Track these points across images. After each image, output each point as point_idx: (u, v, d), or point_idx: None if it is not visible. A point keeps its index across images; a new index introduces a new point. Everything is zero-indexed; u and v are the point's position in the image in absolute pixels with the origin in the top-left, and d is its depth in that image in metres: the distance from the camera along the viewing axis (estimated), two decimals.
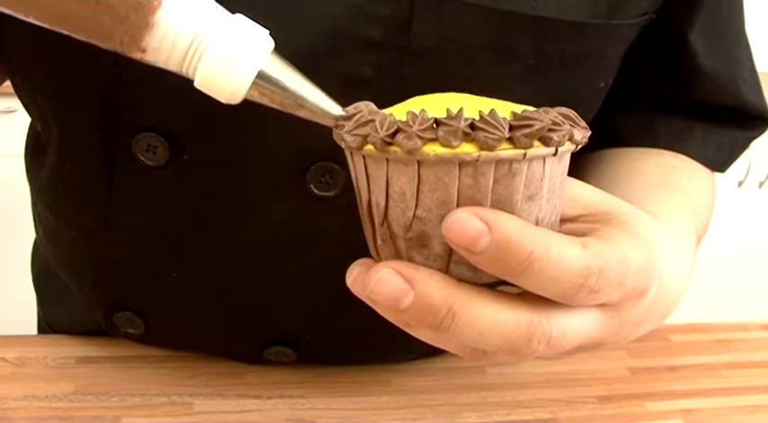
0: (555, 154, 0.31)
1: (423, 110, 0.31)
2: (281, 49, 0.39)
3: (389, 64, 0.45)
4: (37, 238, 0.66)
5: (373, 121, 0.32)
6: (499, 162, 0.30)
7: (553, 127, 0.31)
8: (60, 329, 0.64)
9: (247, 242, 0.52)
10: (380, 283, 0.32)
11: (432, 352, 0.63)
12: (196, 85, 0.34)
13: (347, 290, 0.56)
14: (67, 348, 0.61)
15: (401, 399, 0.60)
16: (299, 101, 0.34)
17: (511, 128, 0.30)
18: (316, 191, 0.48)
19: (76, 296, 0.60)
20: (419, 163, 0.31)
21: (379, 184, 0.33)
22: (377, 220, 0.34)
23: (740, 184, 1.72)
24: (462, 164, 0.30)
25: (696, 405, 0.62)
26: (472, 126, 0.30)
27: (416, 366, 0.63)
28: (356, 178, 0.35)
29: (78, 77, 0.47)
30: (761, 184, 1.73)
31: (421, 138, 0.30)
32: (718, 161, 0.60)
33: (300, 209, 0.49)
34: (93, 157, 0.50)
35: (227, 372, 0.60)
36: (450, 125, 0.30)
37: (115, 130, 0.48)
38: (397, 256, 0.34)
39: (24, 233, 0.65)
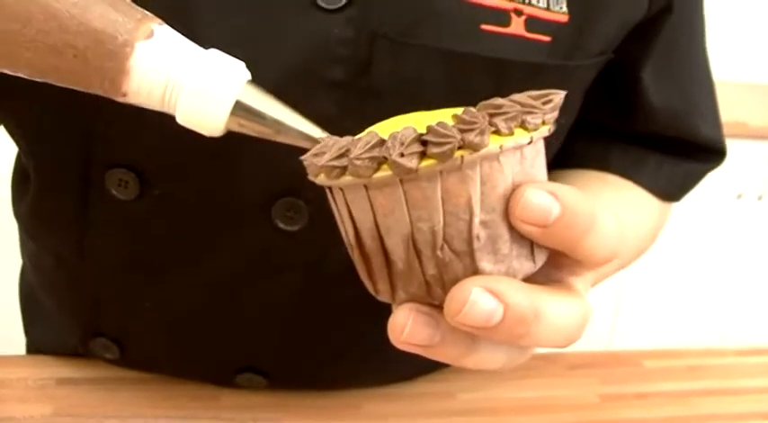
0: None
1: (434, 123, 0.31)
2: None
3: (352, 104, 0.46)
4: (22, 260, 0.68)
5: (383, 142, 0.31)
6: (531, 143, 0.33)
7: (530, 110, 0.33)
8: (44, 349, 0.66)
9: (217, 273, 0.53)
10: (474, 305, 0.31)
11: (402, 378, 0.64)
12: (178, 121, 0.35)
13: (316, 318, 0.57)
14: (48, 370, 0.63)
15: None
16: (279, 127, 0.35)
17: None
18: (281, 225, 0.50)
19: (56, 319, 0.62)
20: (480, 163, 0.31)
21: (428, 207, 0.31)
22: (428, 249, 0.32)
23: (739, 196, 1.72)
24: (518, 148, 0.32)
25: None
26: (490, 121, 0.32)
27: (388, 391, 0.64)
28: (373, 223, 0.33)
29: (53, 114, 0.48)
30: (760, 198, 1.74)
31: (481, 133, 0.31)
32: (670, 191, 0.61)
33: (267, 242, 0.51)
34: (67, 189, 0.51)
35: (202, 394, 0.62)
36: (476, 123, 0.31)
37: (88, 164, 0.50)
38: (463, 275, 0.32)
39: (15, 252, 0.67)
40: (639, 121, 0.59)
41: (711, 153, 0.62)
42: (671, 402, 0.67)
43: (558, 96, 0.34)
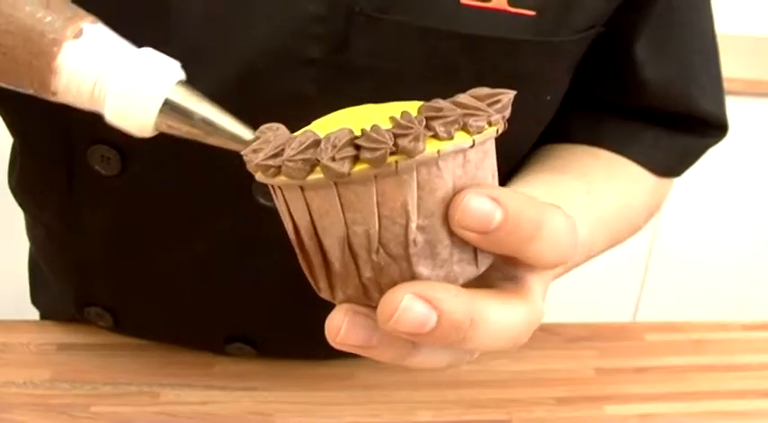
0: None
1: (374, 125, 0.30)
2: (223, 70, 0.41)
3: (330, 81, 0.46)
4: None
5: (318, 143, 0.30)
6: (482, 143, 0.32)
7: (472, 113, 0.31)
8: (46, 315, 0.68)
9: (201, 247, 0.54)
10: (406, 312, 0.30)
11: None
12: (107, 120, 0.36)
13: (301, 291, 0.58)
14: (49, 335, 0.65)
15: (359, 395, 0.62)
16: (209, 129, 0.35)
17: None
18: (262, 201, 0.50)
19: (55, 286, 0.63)
20: (417, 168, 0.30)
21: (363, 210, 0.31)
22: (363, 252, 0.32)
23: None
24: (459, 152, 0.31)
25: (655, 410, 0.63)
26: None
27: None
28: (309, 223, 0.33)
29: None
30: None
31: (416, 139, 0.30)
32: (668, 167, 0.59)
33: (249, 217, 0.51)
34: (52, 163, 0.52)
35: (195, 362, 0.63)
36: (411, 128, 0.30)
37: (71, 140, 0.50)
38: (400, 279, 0.32)
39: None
40: (634, 96, 0.57)
41: (711, 127, 0.59)
42: (669, 378, 0.66)
43: (507, 96, 0.33)
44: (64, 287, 0.61)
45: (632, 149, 0.57)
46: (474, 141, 0.31)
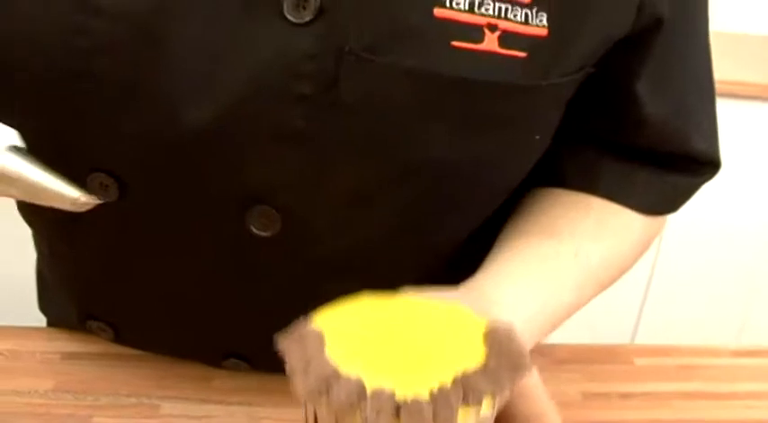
0: None
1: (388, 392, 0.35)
2: (214, 101, 0.44)
3: (319, 117, 0.47)
4: None
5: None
6: None
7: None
8: (52, 322, 0.70)
9: (196, 271, 0.56)
10: None
11: None
12: None
13: (294, 311, 0.60)
14: (54, 343, 0.67)
15: None
16: (37, 190, 0.38)
17: None
18: (254, 230, 0.52)
19: (60, 297, 0.66)
20: None
21: None
22: None
23: None
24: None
25: None
26: None
27: None
28: None
29: (31, 121, 0.50)
30: None
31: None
32: (661, 207, 0.60)
33: (243, 246, 0.53)
34: None
35: (194, 375, 0.65)
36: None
37: (70, 167, 0.52)
38: None
39: None
40: (632, 134, 0.58)
41: (705, 165, 0.60)
42: (655, 405, 0.68)
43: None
44: (66, 300, 0.63)
45: (626, 196, 0.58)
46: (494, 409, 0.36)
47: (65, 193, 0.38)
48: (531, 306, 0.51)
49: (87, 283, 0.60)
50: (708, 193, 0.63)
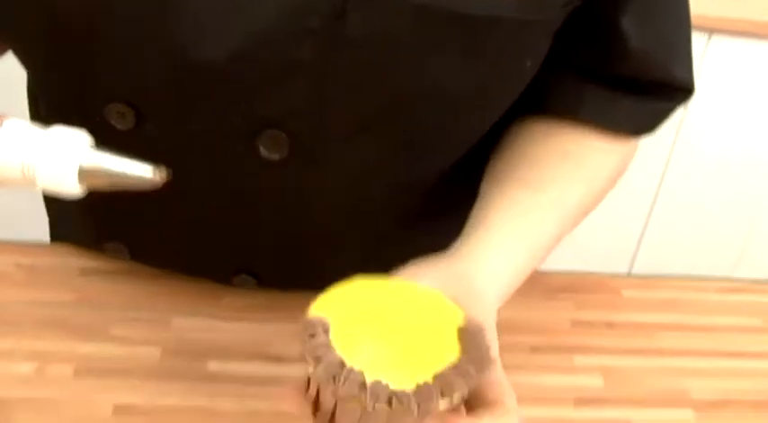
0: None
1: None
2: (227, 40, 0.48)
3: (325, 49, 0.50)
4: None
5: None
6: None
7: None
8: (67, 240, 0.74)
9: (209, 193, 0.59)
10: None
11: None
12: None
13: (302, 232, 0.64)
14: (72, 259, 0.71)
15: None
16: (125, 178, 0.42)
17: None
18: (264, 154, 0.55)
19: (76, 222, 0.69)
20: None
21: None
22: None
23: None
24: None
25: (619, 363, 0.68)
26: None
27: None
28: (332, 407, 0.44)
29: (53, 51, 0.53)
30: None
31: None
32: (641, 130, 0.63)
33: (252, 168, 0.56)
34: (71, 116, 0.57)
35: (205, 293, 0.69)
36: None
37: (88, 98, 0.55)
38: None
39: None
40: (617, 64, 0.60)
41: (681, 91, 0.63)
42: (639, 334, 0.72)
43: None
44: (85, 223, 0.67)
45: (608, 119, 0.61)
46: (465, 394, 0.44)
47: (146, 176, 0.43)
48: (511, 270, 0.57)
49: (103, 206, 0.63)
50: (712, 123, 0.65)
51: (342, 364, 0.42)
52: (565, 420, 0.63)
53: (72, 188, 0.41)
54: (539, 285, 0.75)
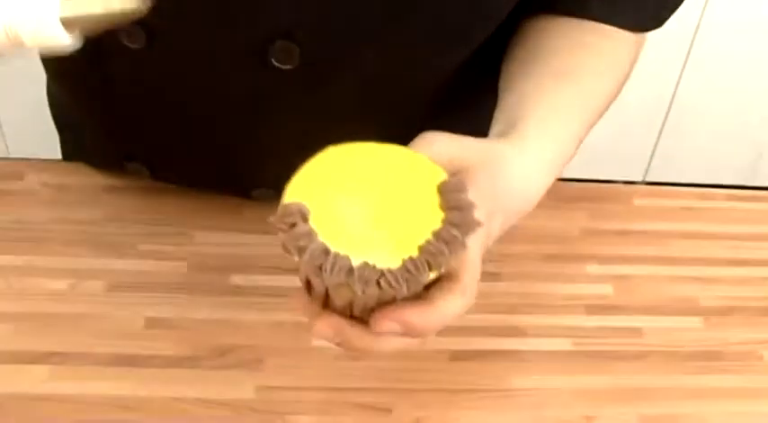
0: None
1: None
2: None
3: None
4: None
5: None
6: None
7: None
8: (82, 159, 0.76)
9: (224, 106, 0.61)
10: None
11: None
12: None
13: (316, 142, 0.65)
14: (98, 177, 0.73)
15: None
16: (109, 17, 0.41)
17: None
18: (276, 64, 0.56)
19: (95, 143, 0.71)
20: None
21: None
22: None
23: None
24: None
25: (631, 272, 0.71)
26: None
27: None
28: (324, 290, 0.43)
29: None
30: None
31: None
32: (651, 24, 0.62)
33: (265, 79, 0.58)
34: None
35: (226, 207, 0.71)
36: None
37: None
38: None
39: None
40: None
41: None
42: (652, 242, 0.73)
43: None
44: (102, 146, 0.69)
45: (617, 15, 0.60)
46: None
47: (130, 6, 0.41)
48: (547, 166, 0.53)
49: (122, 125, 0.65)
50: (729, 28, 0.63)
51: (326, 252, 0.39)
52: (576, 328, 0.66)
53: (61, 38, 0.41)
54: (553, 194, 0.75)
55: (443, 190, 0.41)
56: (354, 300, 0.41)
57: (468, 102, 0.66)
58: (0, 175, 0.73)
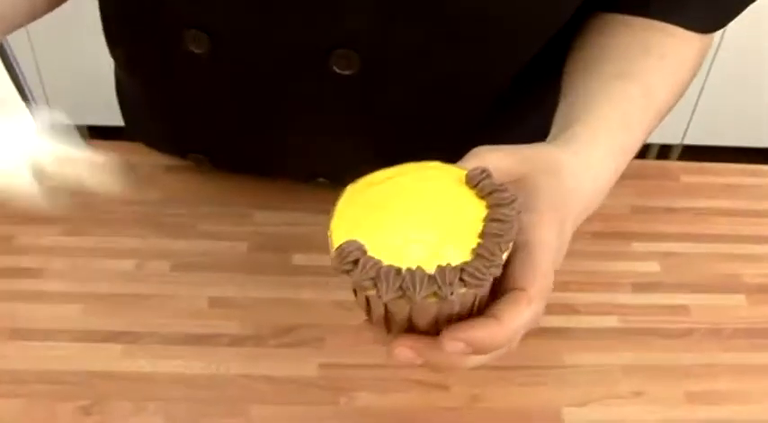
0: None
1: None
2: None
3: None
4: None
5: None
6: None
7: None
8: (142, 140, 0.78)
9: (284, 108, 0.63)
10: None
11: None
12: None
13: (370, 141, 0.67)
14: (155, 158, 0.75)
15: None
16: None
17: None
18: (337, 70, 0.58)
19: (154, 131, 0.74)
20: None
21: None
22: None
23: None
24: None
25: (677, 249, 0.72)
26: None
27: None
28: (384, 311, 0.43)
29: None
30: None
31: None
32: (713, 25, 0.62)
33: (325, 84, 0.59)
34: (152, 45, 0.61)
35: (284, 189, 0.74)
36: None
37: (166, 27, 0.58)
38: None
39: None
40: None
41: None
42: (697, 220, 0.75)
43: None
44: (164, 136, 0.71)
45: (681, 18, 0.61)
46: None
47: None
48: (607, 164, 0.54)
49: (186, 123, 0.68)
50: None
51: (398, 272, 0.39)
52: (622, 305, 0.68)
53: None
54: None
55: (470, 180, 0.42)
56: (439, 312, 0.41)
57: (518, 114, 0.67)
58: None
